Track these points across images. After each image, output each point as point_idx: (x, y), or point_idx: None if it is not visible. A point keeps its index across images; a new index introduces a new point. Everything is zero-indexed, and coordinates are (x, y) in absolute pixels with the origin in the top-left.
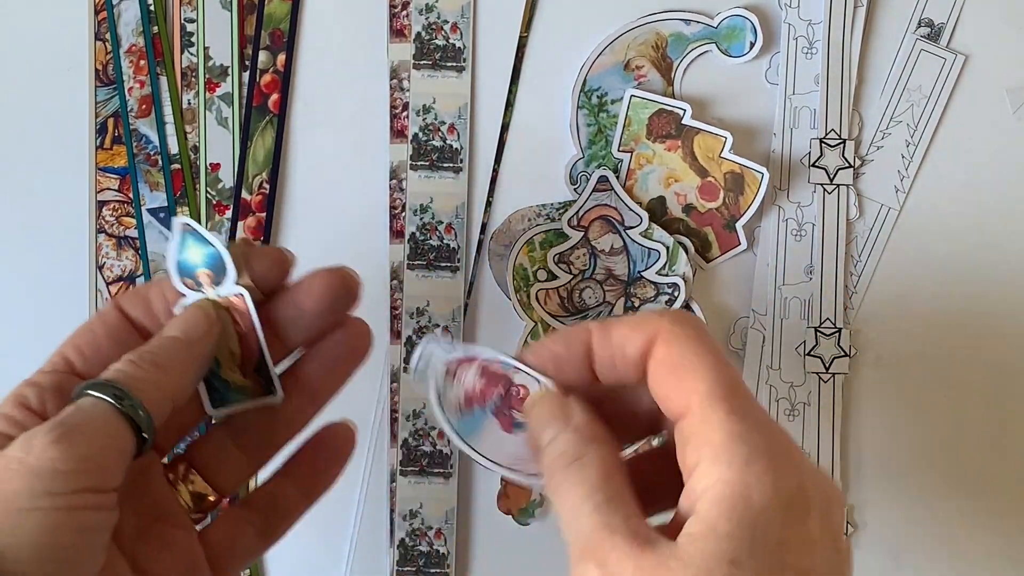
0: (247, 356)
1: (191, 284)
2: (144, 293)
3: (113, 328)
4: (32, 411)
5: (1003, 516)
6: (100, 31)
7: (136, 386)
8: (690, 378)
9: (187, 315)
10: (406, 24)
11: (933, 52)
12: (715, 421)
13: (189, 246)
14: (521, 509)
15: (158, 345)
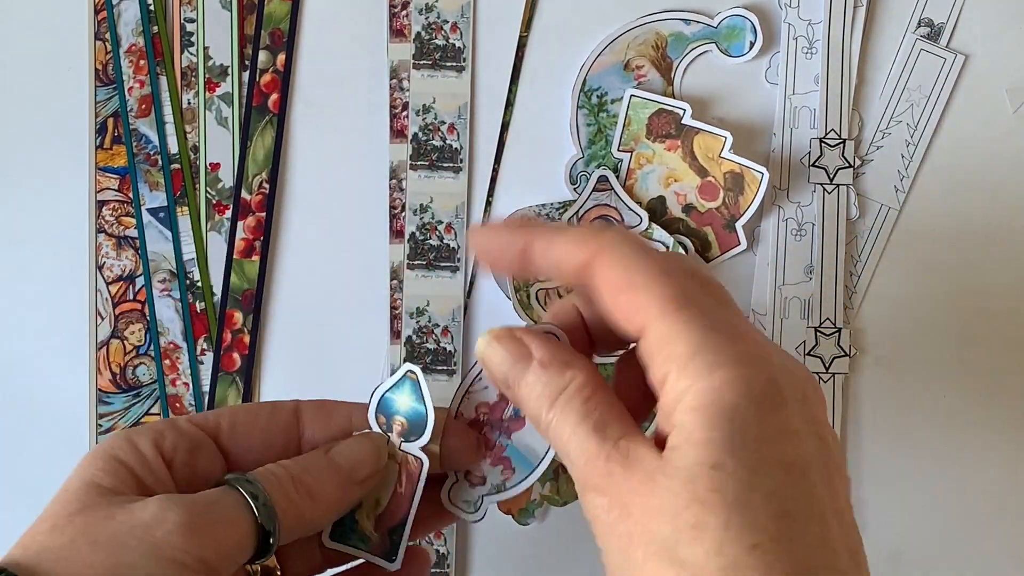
0: (391, 514)
1: (383, 423)
2: (330, 408)
3: (277, 424)
4: (162, 454)
5: (1003, 516)
6: (100, 31)
7: (282, 504)
8: (640, 296)
9: (360, 448)
10: (406, 24)
11: (933, 52)
12: (674, 335)
13: (403, 392)
14: (521, 509)
15: (318, 469)
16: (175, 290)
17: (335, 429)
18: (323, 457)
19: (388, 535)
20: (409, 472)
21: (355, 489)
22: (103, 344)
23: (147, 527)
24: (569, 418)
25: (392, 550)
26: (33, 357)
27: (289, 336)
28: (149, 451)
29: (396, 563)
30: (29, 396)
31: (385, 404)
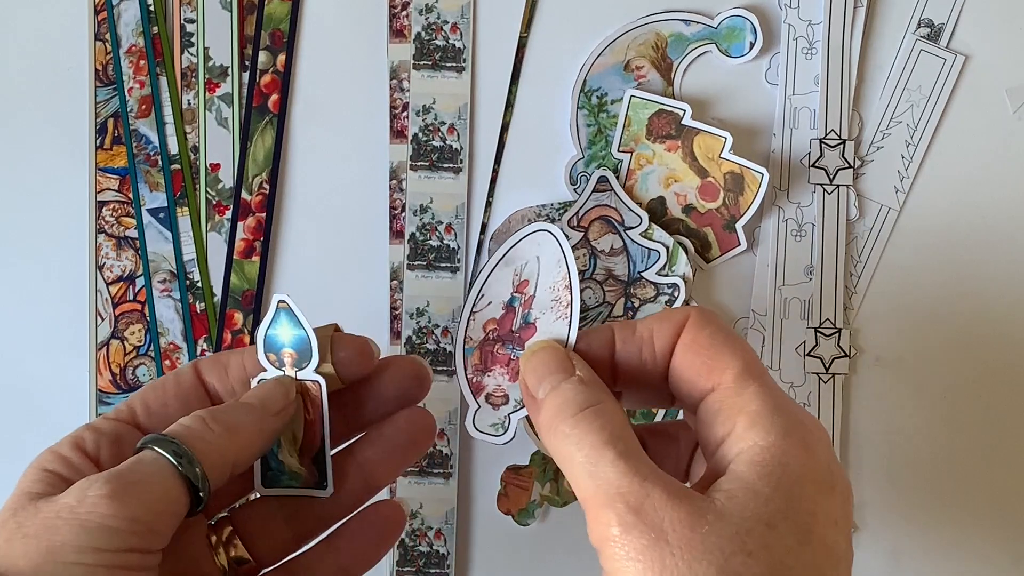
0: (308, 443)
1: (273, 360)
2: (224, 360)
3: (185, 388)
4: (87, 455)
5: (1003, 516)
6: (100, 31)
7: (200, 447)
8: (724, 356)
9: (268, 387)
10: (406, 24)
11: (933, 52)
12: (751, 393)
13: (281, 323)
14: (521, 510)
15: (231, 408)
16: (175, 290)
17: (234, 379)
18: (233, 401)
19: (313, 465)
20: (312, 398)
21: (271, 421)
22: (103, 344)
23: (71, 507)
24: (598, 432)
25: (322, 478)
26: (33, 357)
27: None
28: (73, 455)
29: (328, 488)
30: (29, 396)
31: (270, 342)
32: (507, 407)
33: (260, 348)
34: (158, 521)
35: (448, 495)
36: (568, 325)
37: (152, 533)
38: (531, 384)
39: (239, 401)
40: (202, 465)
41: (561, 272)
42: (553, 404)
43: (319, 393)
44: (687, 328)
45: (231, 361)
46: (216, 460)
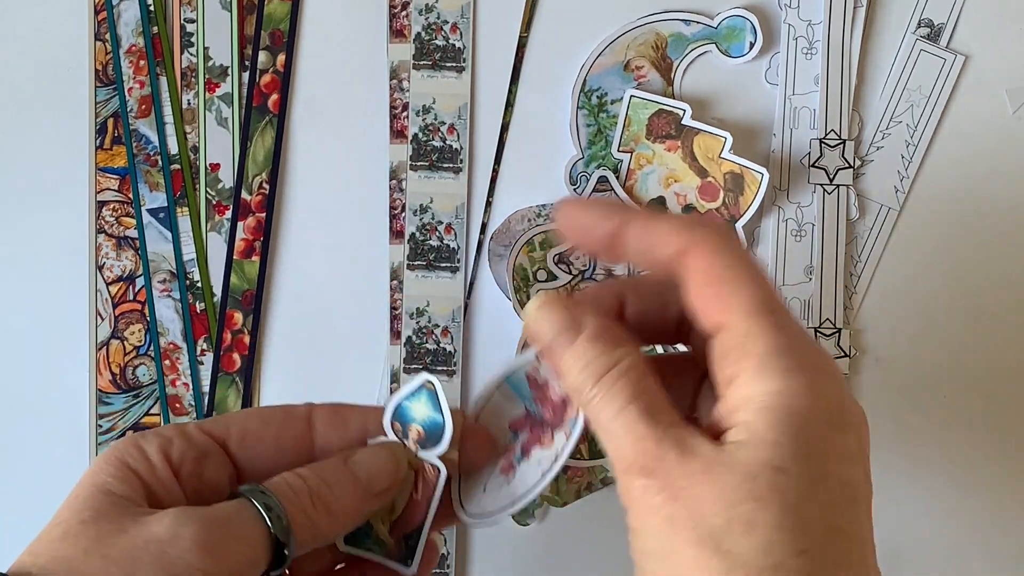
0: (407, 519)
1: (399, 431)
2: (344, 415)
3: (290, 431)
4: (170, 462)
5: (1003, 516)
6: (100, 31)
7: (297, 518)
8: (731, 291)
9: (379, 460)
10: (406, 24)
11: (933, 52)
12: (757, 334)
13: (420, 401)
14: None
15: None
16: (175, 290)
17: (350, 435)
18: (341, 467)
19: (403, 540)
20: (426, 479)
21: (373, 500)
22: (103, 344)
23: (160, 543)
24: (616, 397)
25: (408, 554)
26: (33, 357)
27: (289, 336)
28: (157, 459)
29: (412, 567)
30: (29, 396)
31: (401, 412)
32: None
33: (388, 416)
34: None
35: None
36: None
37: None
38: (542, 336)
39: (346, 469)
40: (295, 535)
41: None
42: (574, 370)
43: (435, 478)
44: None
45: (353, 417)
46: (308, 535)
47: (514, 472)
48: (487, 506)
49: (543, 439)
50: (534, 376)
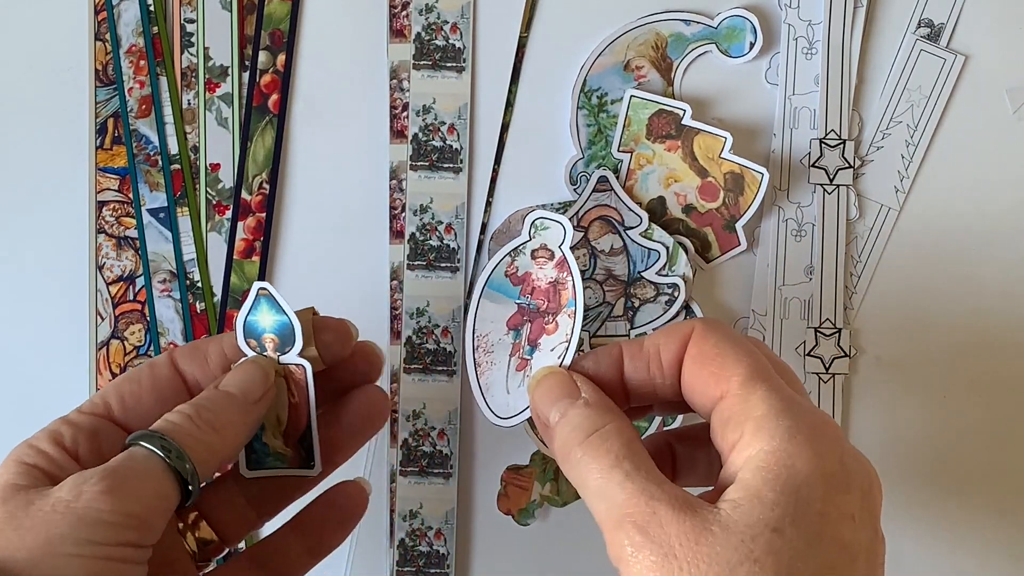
0: (293, 425)
1: (254, 346)
2: (203, 348)
3: (161, 380)
4: (65, 449)
5: (1003, 516)
6: (100, 31)
7: (187, 443)
8: (729, 363)
9: (246, 372)
10: (406, 24)
11: (933, 52)
12: (757, 398)
13: (261, 310)
14: (521, 510)
15: (214, 402)
16: (175, 290)
17: (213, 366)
18: (214, 391)
19: (299, 447)
20: (296, 381)
21: (253, 410)
22: (103, 344)
23: (67, 502)
24: (605, 456)
25: (308, 457)
26: (33, 357)
27: None
28: (52, 449)
29: (316, 467)
30: (29, 396)
31: (250, 328)
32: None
33: (240, 335)
34: (151, 516)
35: (448, 495)
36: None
37: (146, 527)
38: (542, 413)
39: (220, 390)
40: (192, 460)
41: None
42: (563, 432)
43: (303, 377)
44: (692, 340)
45: (210, 349)
46: (204, 455)
47: (529, 366)
48: (517, 405)
49: (546, 327)
50: (513, 273)
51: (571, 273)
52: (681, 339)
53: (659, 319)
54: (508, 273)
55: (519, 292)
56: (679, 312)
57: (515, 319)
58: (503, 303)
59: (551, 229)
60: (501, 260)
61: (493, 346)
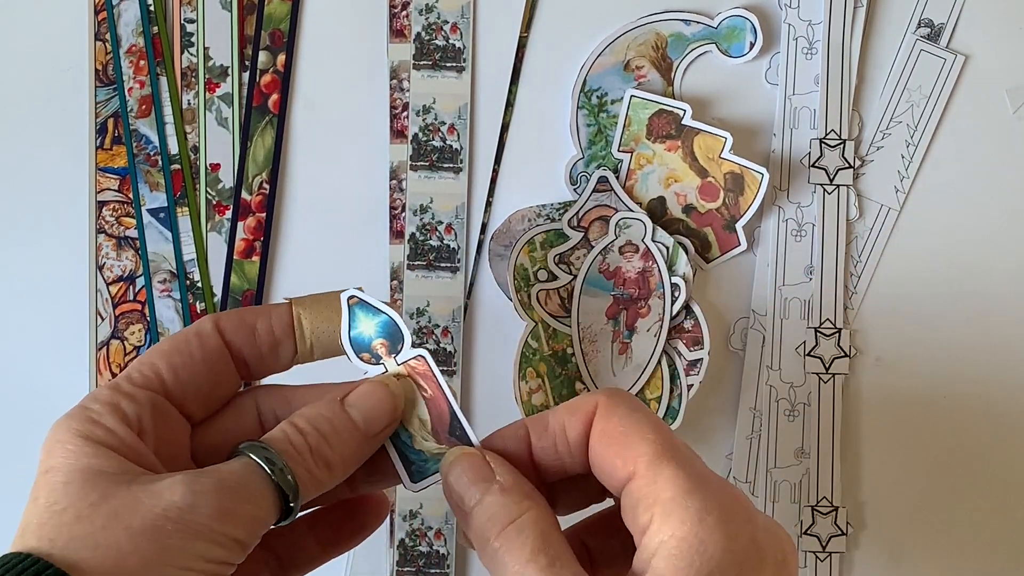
0: (437, 420)
1: (368, 359)
2: (250, 322)
3: (211, 353)
4: (132, 428)
5: (1003, 516)
6: (100, 31)
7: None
8: (634, 442)
9: (376, 399)
10: (406, 24)
11: (933, 52)
12: (664, 479)
13: (359, 319)
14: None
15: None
16: (175, 290)
17: (262, 343)
18: (339, 412)
19: (452, 439)
20: (422, 374)
21: (371, 444)
22: (103, 344)
23: (180, 510)
24: (521, 549)
25: (466, 445)
26: (33, 357)
27: None
28: (120, 428)
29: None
30: (29, 396)
31: (357, 342)
32: None
33: (351, 354)
34: (253, 541)
35: None
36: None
37: (245, 551)
38: (454, 496)
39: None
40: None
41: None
42: (479, 520)
43: (426, 366)
44: (596, 417)
45: (258, 324)
46: (311, 489)
47: (630, 348)
48: (624, 385)
49: (640, 311)
50: (606, 269)
51: (656, 261)
52: (585, 416)
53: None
54: (601, 270)
55: (613, 285)
56: (679, 312)
57: (612, 309)
58: (600, 296)
59: (633, 226)
60: (594, 259)
61: (596, 335)
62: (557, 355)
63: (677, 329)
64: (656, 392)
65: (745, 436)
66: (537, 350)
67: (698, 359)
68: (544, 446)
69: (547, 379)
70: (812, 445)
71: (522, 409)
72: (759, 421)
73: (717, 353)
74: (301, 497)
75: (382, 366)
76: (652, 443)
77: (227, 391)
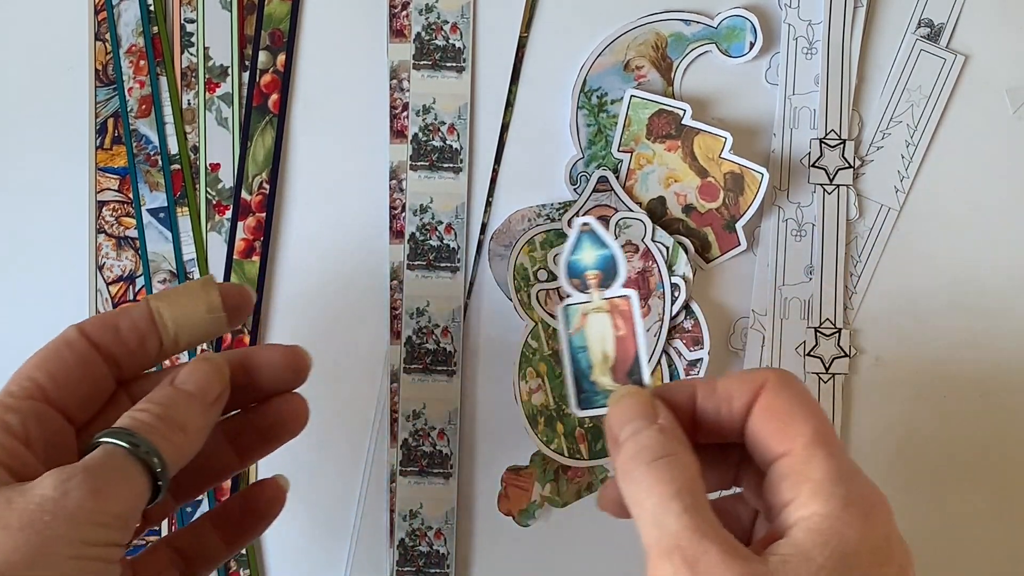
0: (621, 359)
1: (578, 284)
2: (112, 323)
3: (82, 356)
4: (17, 438)
5: (1003, 515)
6: (100, 31)
7: (159, 442)
8: (796, 422)
9: (202, 371)
10: (406, 24)
11: (933, 52)
12: (818, 462)
13: (584, 247)
14: (521, 511)
15: (176, 401)
16: None
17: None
18: (173, 390)
19: (628, 380)
20: (621, 313)
21: (211, 410)
22: None
23: (54, 500)
24: (669, 483)
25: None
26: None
27: (289, 336)
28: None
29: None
30: None
31: (573, 268)
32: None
33: (563, 274)
34: (133, 515)
35: (448, 495)
36: (661, 325)
37: (127, 527)
38: (614, 426)
39: (180, 389)
40: (166, 461)
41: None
42: (631, 448)
43: (629, 308)
44: (764, 392)
45: (120, 323)
46: (175, 455)
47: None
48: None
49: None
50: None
51: (656, 261)
52: (753, 389)
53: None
54: None
55: None
56: (679, 312)
57: None
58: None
59: (633, 226)
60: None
61: None
62: (557, 355)
63: (677, 329)
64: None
65: None
66: (537, 350)
67: (698, 359)
68: (707, 407)
69: (547, 379)
70: None
71: (522, 409)
72: None
73: (717, 353)
74: (167, 463)
75: (588, 295)
76: (812, 427)
77: (104, 391)
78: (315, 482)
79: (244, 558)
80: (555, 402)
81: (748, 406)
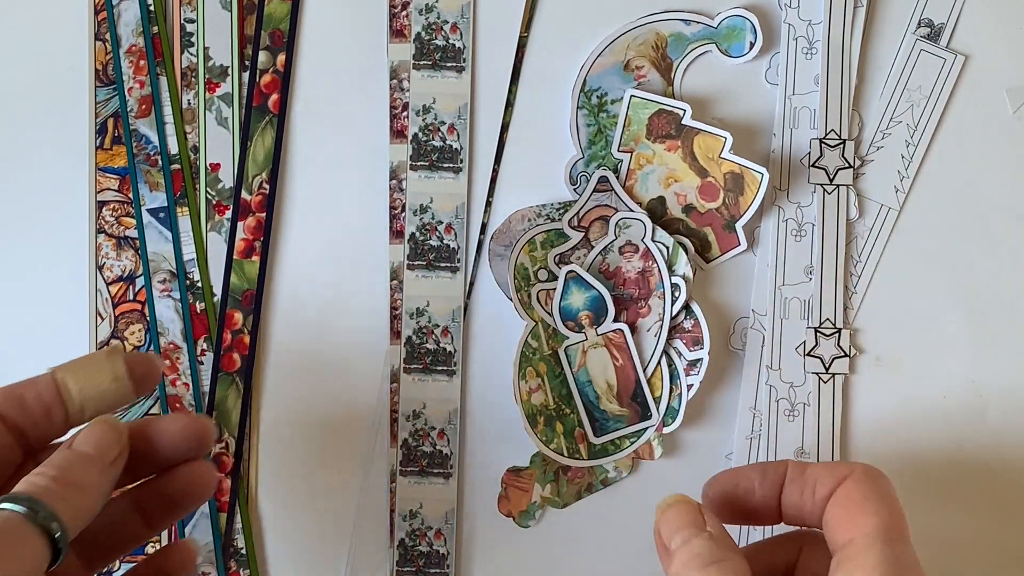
0: (623, 386)
1: (572, 327)
2: (17, 393)
3: None
4: None
5: (1004, 516)
6: (100, 31)
7: (57, 505)
8: (866, 513)
9: (101, 433)
10: (406, 24)
11: (933, 52)
12: (873, 552)
13: (572, 291)
14: (522, 512)
15: (74, 463)
16: (175, 290)
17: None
18: (72, 452)
19: (634, 403)
20: (617, 346)
21: (110, 471)
22: (103, 344)
23: None
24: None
25: (645, 412)
26: (33, 357)
27: (289, 336)
28: None
29: (654, 417)
30: None
31: (566, 312)
32: None
33: (557, 320)
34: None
35: (448, 495)
36: (661, 324)
37: None
38: (665, 535)
39: (77, 451)
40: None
41: None
42: (684, 555)
43: (623, 340)
44: (846, 482)
45: (25, 395)
46: (73, 516)
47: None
48: None
49: (640, 311)
50: (605, 269)
51: (656, 261)
52: (838, 478)
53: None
54: (601, 269)
55: (613, 284)
56: (679, 312)
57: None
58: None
59: (633, 226)
60: (594, 259)
61: None
62: (557, 355)
63: (677, 329)
64: (656, 392)
65: (745, 436)
66: (537, 350)
67: (698, 359)
68: (793, 489)
69: (547, 379)
70: (812, 445)
71: (521, 409)
72: (759, 421)
73: (717, 353)
74: (66, 525)
75: (583, 334)
76: (881, 519)
77: (10, 462)
78: (315, 482)
79: (244, 558)
80: (555, 402)
81: (829, 494)
